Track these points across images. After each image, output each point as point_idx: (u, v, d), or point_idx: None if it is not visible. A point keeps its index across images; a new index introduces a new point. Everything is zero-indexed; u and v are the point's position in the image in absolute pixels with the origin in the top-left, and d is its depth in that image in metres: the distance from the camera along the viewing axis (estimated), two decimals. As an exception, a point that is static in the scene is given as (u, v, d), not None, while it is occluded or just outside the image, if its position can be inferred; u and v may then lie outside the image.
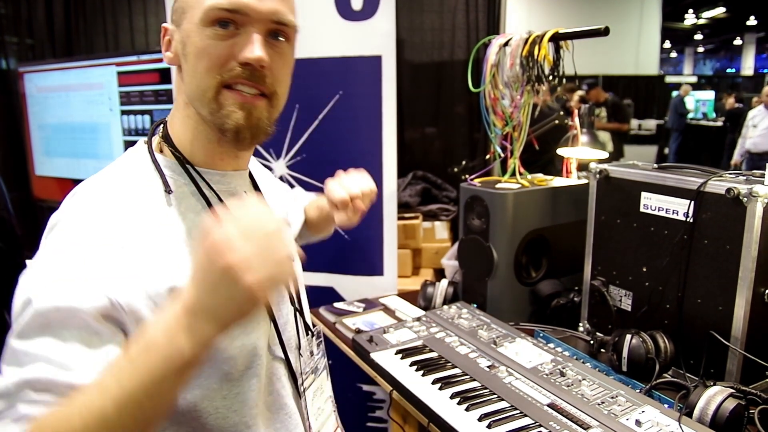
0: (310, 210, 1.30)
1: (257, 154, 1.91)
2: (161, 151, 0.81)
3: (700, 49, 21.09)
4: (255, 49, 0.73)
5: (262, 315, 0.83)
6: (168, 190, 0.76)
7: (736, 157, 6.73)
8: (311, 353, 0.95)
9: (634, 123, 10.35)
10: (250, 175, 0.93)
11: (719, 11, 14.85)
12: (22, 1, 3.24)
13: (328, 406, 0.99)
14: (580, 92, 5.76)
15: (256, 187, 0.94)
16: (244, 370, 0.79)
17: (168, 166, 0.79)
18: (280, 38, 0.77)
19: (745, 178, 1.22)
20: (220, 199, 0.82)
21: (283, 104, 0.83)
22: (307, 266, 1.97)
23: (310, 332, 0.95)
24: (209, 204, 0.80)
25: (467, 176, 1.79)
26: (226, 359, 0.76)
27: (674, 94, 9.65)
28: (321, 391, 0.97)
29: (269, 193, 0.99)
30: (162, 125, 0.85)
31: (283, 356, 0.87)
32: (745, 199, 1.13)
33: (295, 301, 0.92)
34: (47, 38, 3.29)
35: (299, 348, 0.91)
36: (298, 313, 0.92)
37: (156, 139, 0.83)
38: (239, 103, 0.75)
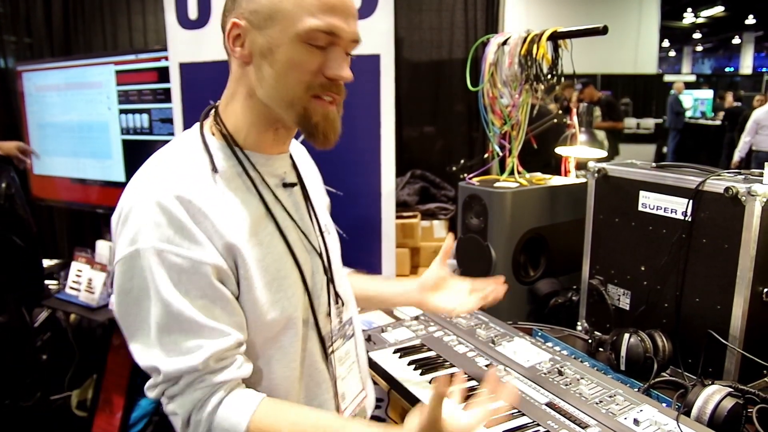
0: (388, 287, 1.28)
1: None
2: (213, 134, 0.89)
3: (699, 48, 21.12)
4: (346, 68, 0.85)
5: (297, 283, 0.91)
6: (214, 170, 0.84)
7: (737, 157, 6.69)
8: (340, 320, 1.02)
9: (633, 122, 10.33)
10: (290, 157, 1.00)
11: (718, 10, 14.86)
12: (20, 0, 3.23)
13: (354, 369, 1.06)
14: (574, 93, 5.76)
15: (295, 168, 1.00)
16: (284, 330, 0.89)
17: (218, 148, 0.87)
18: (349, 54, 0.88)
19: (743, 177, 1.22)
20: (264, 180, 0.90)
21: None
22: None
23: (340, 300, 1.02)
24: (254, 184, 0.88)
25: (466, 175, 1.79)
26: (269, 322, 0.86)
27: (672, 92, 9.63)
28: (348, 356, 1.05)
29: (306, 172, 1.05)
30: (213, 110, 0.92)
31: (313, 320, 0.94)
32: (744, 198, 1.13)
33: (328, 271, 0.99)
34: (46, 37, 3.28)
35: (329, 314, 0.98)
36: (330, 283, 0.99)
37: (208, 123, 0.90)
38: (323, 112, 0.85)
